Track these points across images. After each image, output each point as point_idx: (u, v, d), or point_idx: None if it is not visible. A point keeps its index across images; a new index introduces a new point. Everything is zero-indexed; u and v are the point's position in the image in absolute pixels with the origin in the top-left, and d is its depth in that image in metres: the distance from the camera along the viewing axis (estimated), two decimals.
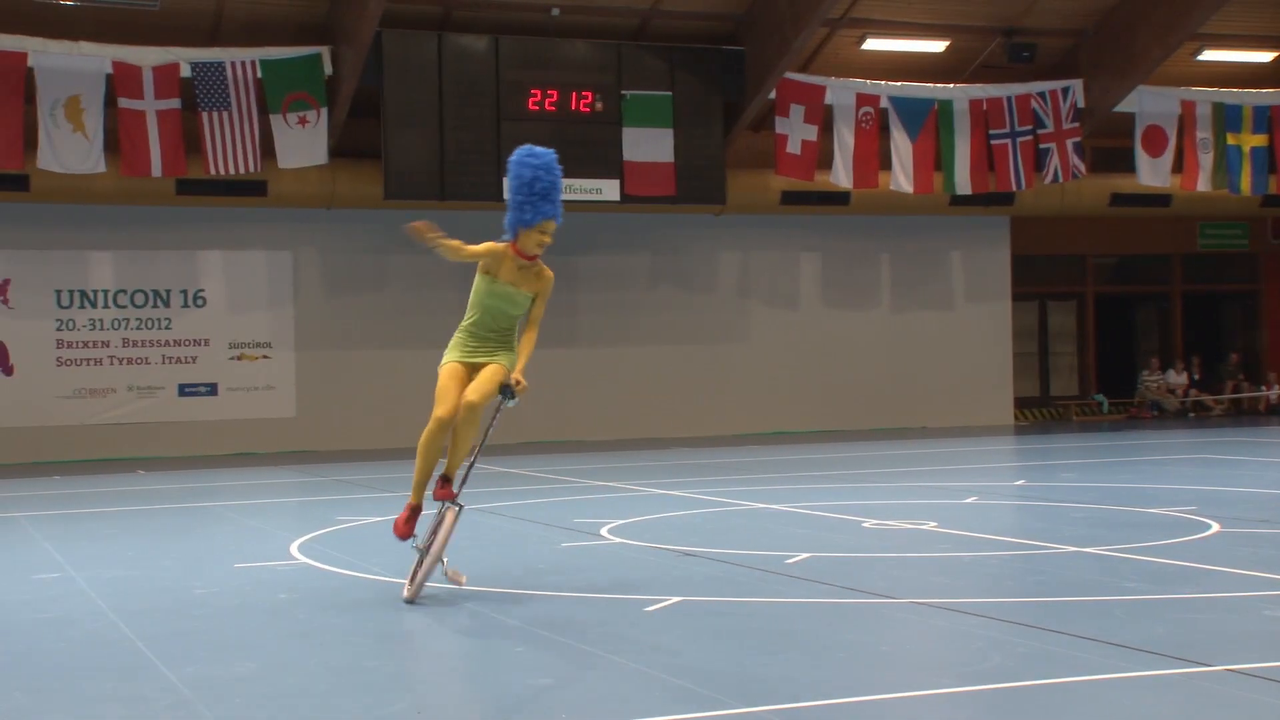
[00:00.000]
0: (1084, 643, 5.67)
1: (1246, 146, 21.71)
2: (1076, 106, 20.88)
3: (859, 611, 6.61)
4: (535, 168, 7.13)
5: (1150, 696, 4.91)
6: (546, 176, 7.13)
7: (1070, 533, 9.08)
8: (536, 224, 7.10)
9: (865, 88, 20.40)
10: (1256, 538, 8.70)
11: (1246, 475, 13.14)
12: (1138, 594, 6.82)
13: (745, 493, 12.17)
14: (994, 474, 14.38)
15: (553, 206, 7.12)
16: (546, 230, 7.15)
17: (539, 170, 7.13)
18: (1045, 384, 24.96)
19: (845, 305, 22.54)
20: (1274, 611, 6.28)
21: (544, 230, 7.14)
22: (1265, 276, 25.37)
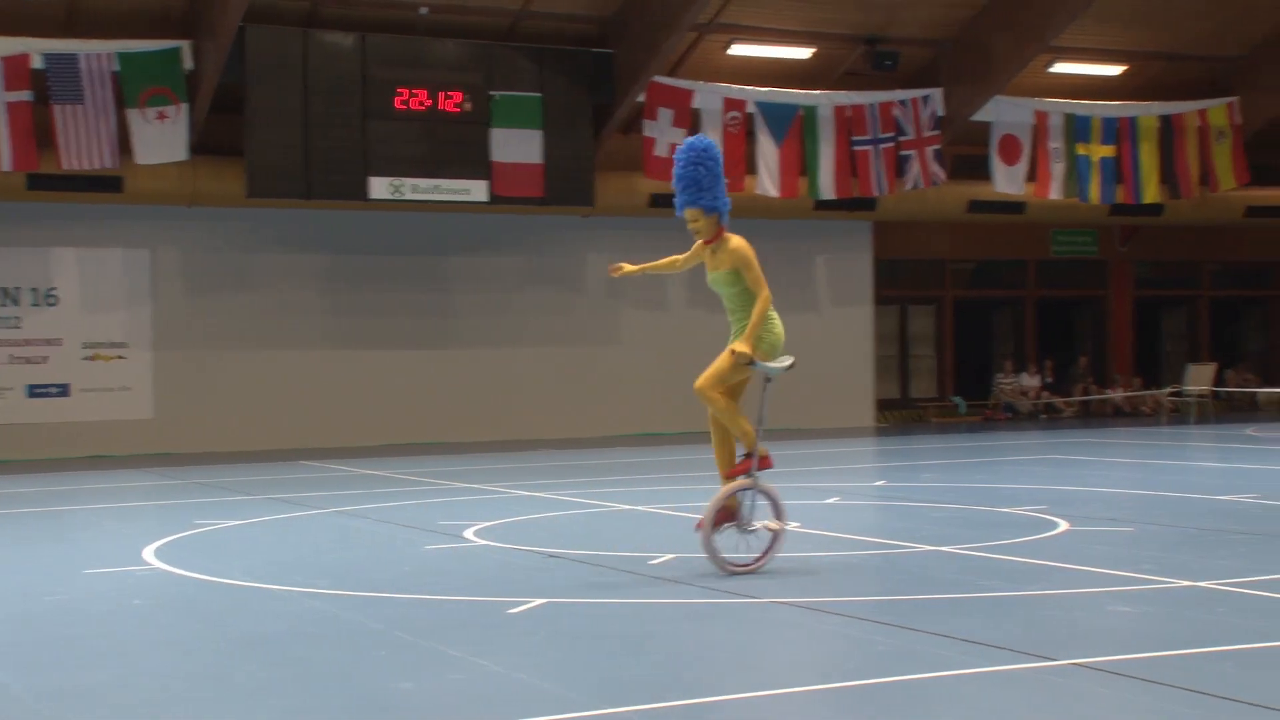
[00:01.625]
0: (941, 640, 5.81)
1: (1095, 157, 22.45)
2: (936, 115, 21.37)
3: (722, 612, 6.68)
4: (676, 158, 7.68)
5: (1003, 691, 5.05)
6: (675, 168, 7.64)
7: (929, 532, 9.29)
8: (681, 214, 7.68)
9: (732, 92, 20.62)
10: (1102, 535, 9.00)
11: (1094, 475, 13.59)
12: (992, 591, 7.02)
13: (612, 494, 12.21)
14: (855, 474, 14.64)
15: (681, 198, 7.63)
16: (687, 219, 7.68)
17: (677, 158, 7.65)
18: (905, 386, 25.49)
19: (713, 307, 22.60)
20: (1118, 607, 6.51)
21: (686, 219, 7.68)
22: (1113, 282, 26.23)
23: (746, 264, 7.64)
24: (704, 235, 7.67)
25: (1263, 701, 4.71)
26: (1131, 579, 7.16)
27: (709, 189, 7.58)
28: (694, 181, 7.57)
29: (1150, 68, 23.37)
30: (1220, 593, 6.77)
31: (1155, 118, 22.86)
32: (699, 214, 7.62)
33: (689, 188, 7.59)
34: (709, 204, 7.59)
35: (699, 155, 7.56)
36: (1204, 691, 4.86)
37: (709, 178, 7.58)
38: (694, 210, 7.60)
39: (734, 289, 7.71)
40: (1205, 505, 10.64)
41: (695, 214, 7.61)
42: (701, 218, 7.63)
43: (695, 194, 7.57)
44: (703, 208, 7.59)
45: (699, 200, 7.58)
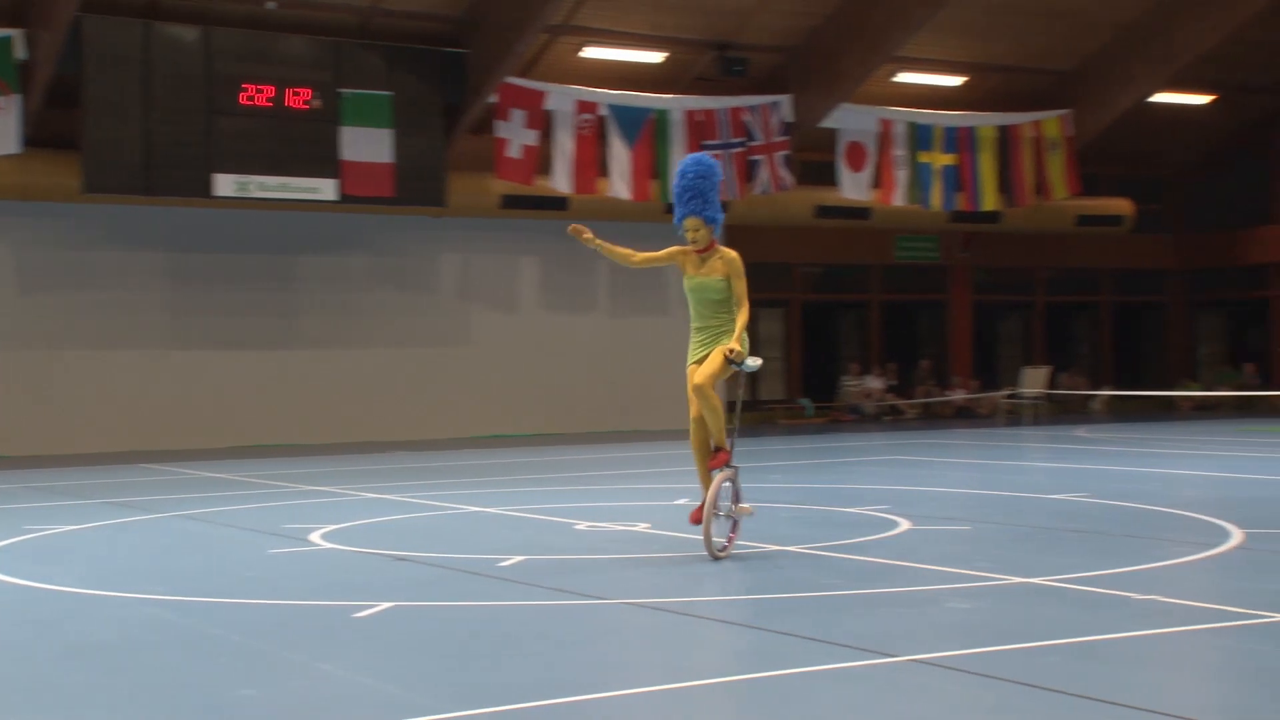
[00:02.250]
0: (786, 638, 5.91)
1: (937, 165, 23.07)
2: (785, 121, 21.72)
3: (571, 613, 6.70)
4: (681, 172, 8.29)
5: (846, 688, 5.16)
6: (681, 181, 8.24)
7: (775, 532, 9.44)
8: (680, 223, 8.24)
9: (585, 95, 20.67)
10: (942, 534, 9.26)
11: (934, 475, 13.95)
12: (836, 590, 7.16)
13: (462, 496, 12.14)
14: None
15: (683, 208, 8.20)
16: (687, 228, 8.23)
17: (682, 172, 8.28)
18: (754, 388, 25.83)
19: (564, 309, 22.76)
20: (955, 604, 6.70)
21: (686, 228, 8.24)
22: (953, 287, 26.97)
23: (741, 274, 8.27)
24: (701, 244, 8.27)
25: (1090, 693, 4.90)
26: (969, 576, 7.38)
27: (711, 202, 8.21)
28: (699, 194, 8.18)
29: (989, 79, 24.09)
30: (1052, 588, 7.01)
31: (993, 128, 23.58)
32: (700, 224, 8.20)
33: (694, 199, 8.18)
34: (711, 216, 8.20)
35: (706, 170, 8.22)
36: (1036, 684, 5.04)
37: (712, 192, 8.23)
38: (696, 220, 8.19)
39: (719, 295, 8.28)
40: (1038, 504, 11.00)
41: (697, 224, 8.20)
42: (702, 228, 8.22)
43: (700, 205, 8.18)
44: (705, 219, 8.19)
45: (703, 212, 8.18)
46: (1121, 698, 4.84)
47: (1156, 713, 4.65)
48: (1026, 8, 22.22)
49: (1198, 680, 5.39)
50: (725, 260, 8.25)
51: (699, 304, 8.34)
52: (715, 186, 8.25)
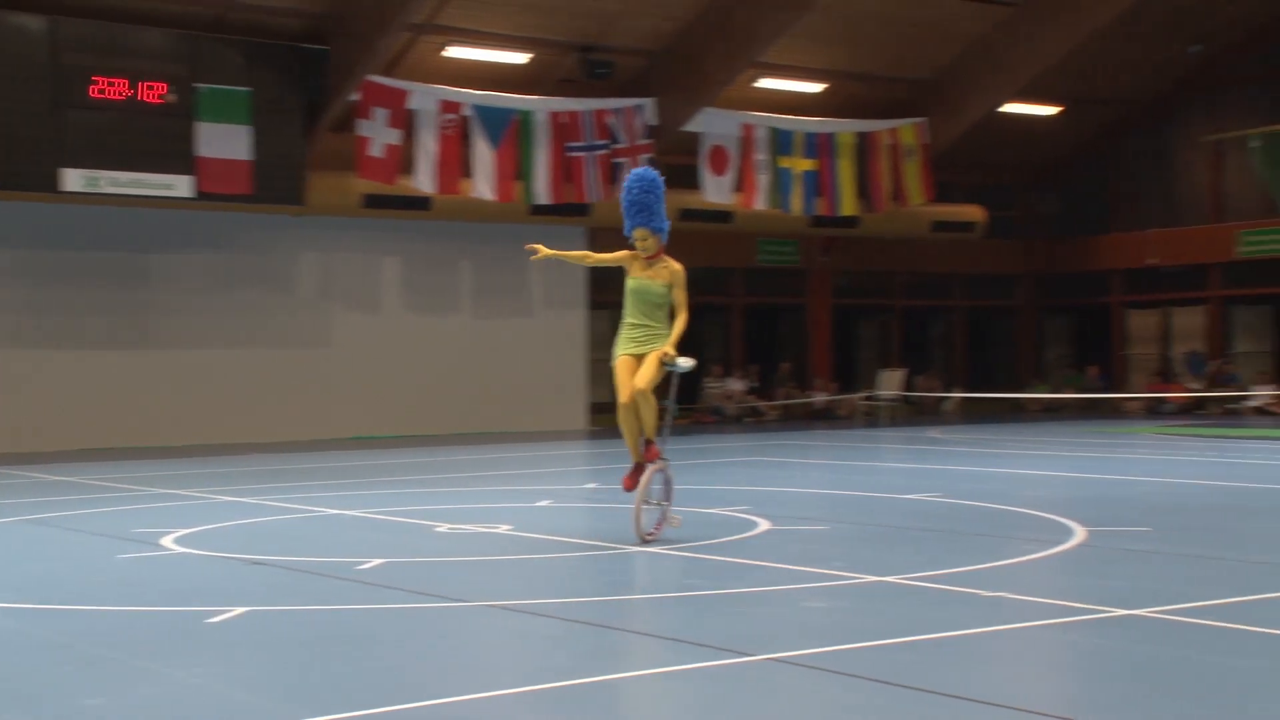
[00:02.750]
0: (646, 638, 5.96)
1: (798, 170, 23.43)
2: (648, 124, 21.85)
3: (430, 616, 6.66)
4: (627, 187, 8.96)
5: (703, 687, 5.22)
6: (628, 195, 8.93)
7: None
8: (630, 233, 8.93)
9: (449, 95, 20.54)
10: (800, 534, 9.41)
11: (793, 476, 14.17)
12: (695, 590, 7.23)
13: (321, 499, 11.97)
14: (567, 477, 14.80)
15: (631, 220, 8.91)
16: (637, 237, 8.94)
17: (629, 187, 8.95)
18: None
19: (428, 310, 22.58)
20: (813, 603, 6.82)
21: (636, 238, 8.94)
22: (812, 291, 27.40)
23: (683, 285, 9.00)
24: (650, 251, 8.96)
25: (940, 688, 5.03)
26: (826, 575, 7.51)
27: (656, 214, 8.90)
28: (645, 207, 8.89)
29: (848, 87, 24.54)
30: (906, 586, 7.18)
31: (852, 134, 24.03)
32: (648, 234, 8.91)
33: (641, 212, 8.90)
34: (656, 225, 8.90)
35: (648, 184, 8.90)
36: (890, 681, 5.15)
37: (657, 204, 8.91)
38: (644, 230, 8.90)
39: (658, 300, 9.00)
40: (893, 504, 11.24)
41: (645, 234, 8.91)
42: (650, 237, 8.91)
43: (647, 217, 8.89)
44: (652, 229, 8.90)
45: (649, 222, 8.89)
46: (971, 692, 4.98)
47: (1004, 706, 4.79)
48: (884, 18, 22.70)
49: (1043, 674, 5.57)
50: (671, 270, 8.96)
51: (638, 303, 8.99)
52: (659, 199, 8.92)
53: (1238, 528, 9.57)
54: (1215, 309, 27.47)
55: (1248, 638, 5.83)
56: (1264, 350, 27.49)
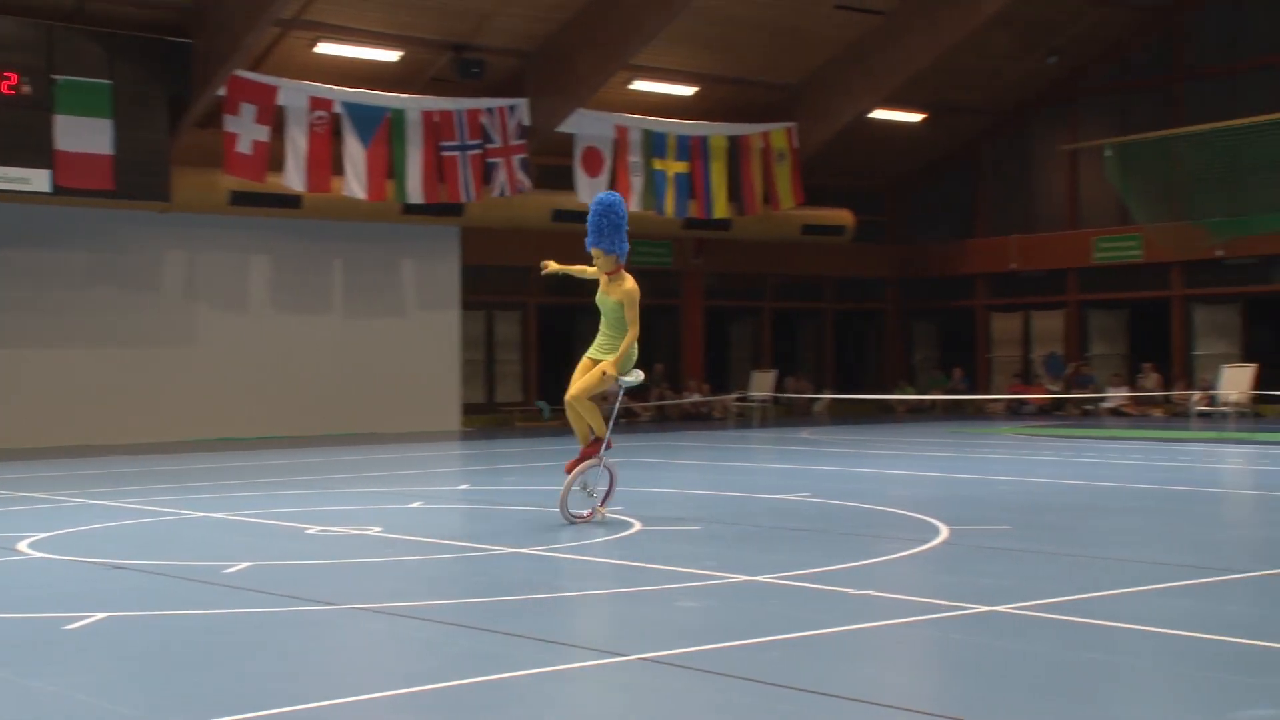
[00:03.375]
0: (519, 640, 5.95)
1: (671, 172, 23.59)
2: (522, 124, 21.80)
3: (299, 620, 6.57)
4: (590, 208, 9.66)
5: (576, 688, 5.24)
6: (589, 216, 9.62)
7: (510, 534, 9.47)
8: (589, 252, 9.66)
9: (319, 91, 20.27)
10: (672, 534, 9.47)
11: (666, 477, 14.25)
12: (569, 591, 7.24)
13: (186, 501, 11.72)
14: (440, 479, 14.70)
15: (588, 239, 9.63)
16: (593, 256, 9.69)
17: (590, 209, 9.66)
18: (491, 391, 25.83)
19: (297, 310, 22.24)
20: (684, 602, 6.87)
21: (593, 255, 9.68)
22: (685, 293, 27.61)
23: (631, 305, 9.63)
24: (604, 269, 9.69)
25: (809, 686, 5.11)
26: (697, 575, 7.58)
27: (609, 236, 9.57)
28: (598, 229, 9.59)
29: (720, 90, 24.78)
30: (775, 586, 7.27)
31: (724, 138, 24.27)
32: (601, 254, 9.63)
33: (594, 233, 9.60)
34: (607, 248, 9.60)
35: (603, 208, 9.60)
36: (759, 679, 5.22)
37: (610, 228, 9.57)
38: (598, 250, 9.62)
39: (614, 315, 9.68)
40: (764, 504, 11.38)
41: (598, 253, 9.63)
42: (603, 257, 9.64)
43: (597, 238, 9.60)
44: (603, 249, 9.61)
45: (600, 243, 9.61)
46: (840, 689, 5.07)
47: (872, 703, 4.89)
48: (755, 23, 22.96)
49: (910, 670, 5.69)
50: (623, 290, 9.63)
51: (603, 316, 9.76)
52: (613, 222, 9.58)
53: (1092, 525, 9.88)
54: (1073, 313, 28.32)
55: (1102, 631, 6.03)
56: (1118, 353, 28.42)
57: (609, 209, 9.63)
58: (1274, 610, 6.57)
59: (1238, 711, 4.70)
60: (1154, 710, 4.86)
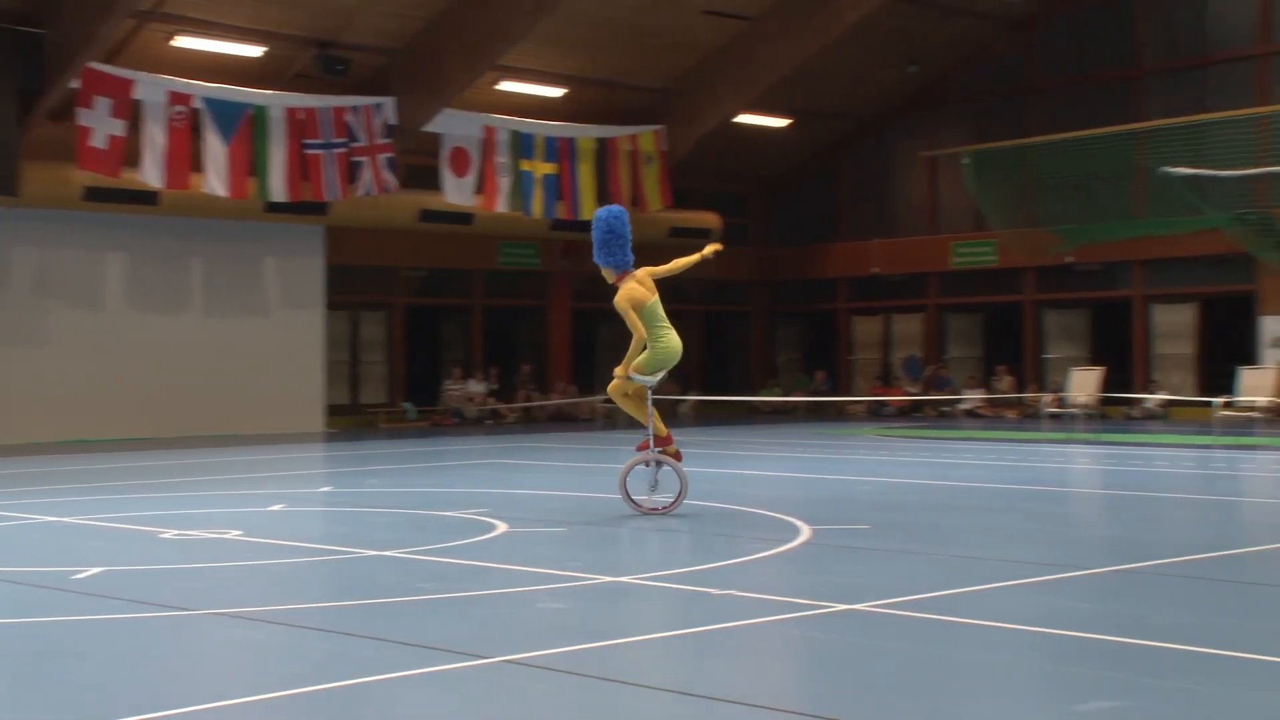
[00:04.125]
0: (380, 644, 5.90)
1: (539, 173, 23.56)
2: (388, 123, 21.58)
3: (152, 626, 6.42)
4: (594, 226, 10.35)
5: (437, 691, 5.21)
6: (593, 233, 10.31)
7: (372, 537, 9.38)
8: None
9: (178, 86, 19.81)
10: (538, 536, 9.48)
11: (531, 478, 14.24)
12: (432, 594, 7.20)
13: (36, 505, 11.36)
14: (302, 481, 14.49)
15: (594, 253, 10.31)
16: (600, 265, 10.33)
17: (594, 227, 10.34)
18: (356, 392, 25.52)
19: (155, 309, 21.71)
20: (548, 604, 6.89)
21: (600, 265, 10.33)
22: (553, 294, 27.61)
23: (624, 312, 10.11)
24: (610, 280, 10.30)
25: (669, 685, 5.17)
26: (562, 577, 7.59)
27: (602, 251, 10.16)
28: (595, 244, 10.21)
29: (588, 92, 24.83)
30: (639, 586, 7.33)
31: (592, 140, 24.32)
32: (601, 267, 10.27)
33: (598, 249, 10.21)
34: (603, 262, 10.20)
35: (599, 222, 10.21)
36: (623, 680, 5.26)
37: (600, 243, 10.16)
38: (600, 264, 10.26)
39: (624, 319, 10.18)
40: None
41: (602, 267, 10.26)
42: (603, 269, 10.28)
43: (595, 254, 10.24)
44: (601, 264, 10.24)
45: (597, 258, 10.24)
46: (701, 690, 5.13)
47: (734, 702, 4.96)
48: (623, 26, 23.07)
49: (772, 669, 5.78)
50: (618, 297, 10.14)
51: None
52: (605, 238, 10.11)
53: (948, 524, 10.14)
54: (932, 316, 28.98)
55: (956, 628, 6.20)
56: (975, 355, 29.16)
57: (599, 222, 10.17)
58: (1116, 605, 6.82)
59: (1081, 704, 4.88)
60: (1004, 704, 5.02)
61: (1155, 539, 9.33)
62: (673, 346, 10.23)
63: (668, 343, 10.22)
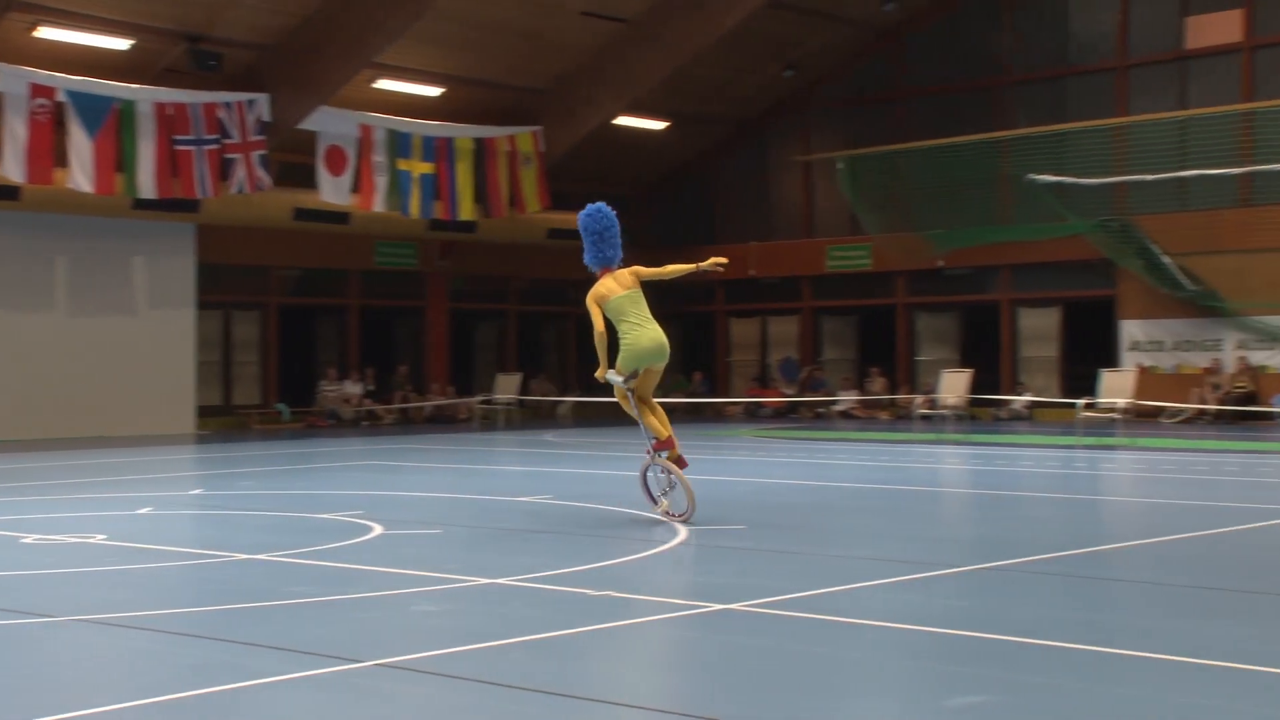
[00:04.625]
0: (251, 649, 5.80)
1: (416, 173, 23.37)
2: (262, 120, 21.22)
3: (13, 634, 6.24)
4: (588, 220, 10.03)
5: (309, 696, 5.14)
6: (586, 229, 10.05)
7: (245, 540, 9.22)
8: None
9: (40, 78, 19.26)
10: (413, 538, 9.40)
11: (409, 480, 14.13)
12: (305, 597, 7.10)
13: None
14: (172, 483, 14.19)
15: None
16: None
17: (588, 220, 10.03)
18: (228, 393, 25.04)
19: (16, 307, 21.06)
20: (422, 606, 6.84)
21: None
22: (430, 295, 27.40)
23: (590, 309, 9.78)
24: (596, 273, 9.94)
25: (546, 687, 5.17)
26: (437, 579, 7.55)
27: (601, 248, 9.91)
28: (600, 237, 9.94)
29: (466, 92, 24.70)
30: (516, 588, 7.31)
31: (470, 140, 24.19)
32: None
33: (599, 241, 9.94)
34: (585, 260, 10.00)
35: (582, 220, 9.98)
36: (496, 682, 5.25)
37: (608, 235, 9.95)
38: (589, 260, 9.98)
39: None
40: (507, 506, 11.41)
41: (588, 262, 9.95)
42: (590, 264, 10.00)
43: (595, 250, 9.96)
44: (586, 262, 10.02)
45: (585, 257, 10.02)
46: (579, 690, 5.14)
47: (611, 703, 4.98)
48: (501, 26, 23.00)
49: (649, 669, 5.81)
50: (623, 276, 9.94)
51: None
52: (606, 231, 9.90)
53: (822, 524, 10.29)
54: (807, 319, 29.38)
55: (830, 626, 6.30)
56: (849, 358, 29.62)
57: (604, 218, 9.98)
58: (984, 602, 6.99)
59: (950, 700, 4.99)
60: (875, 701, 5.11)
61: (1020, 537, 9.58)
62: (639, 343, 9.69)
63: (634, 339, 9.69)
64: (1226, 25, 24.51)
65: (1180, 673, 5.36)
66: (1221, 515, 10.49)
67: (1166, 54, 25.14)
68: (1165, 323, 24.75)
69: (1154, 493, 12.89)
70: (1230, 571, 7.89)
